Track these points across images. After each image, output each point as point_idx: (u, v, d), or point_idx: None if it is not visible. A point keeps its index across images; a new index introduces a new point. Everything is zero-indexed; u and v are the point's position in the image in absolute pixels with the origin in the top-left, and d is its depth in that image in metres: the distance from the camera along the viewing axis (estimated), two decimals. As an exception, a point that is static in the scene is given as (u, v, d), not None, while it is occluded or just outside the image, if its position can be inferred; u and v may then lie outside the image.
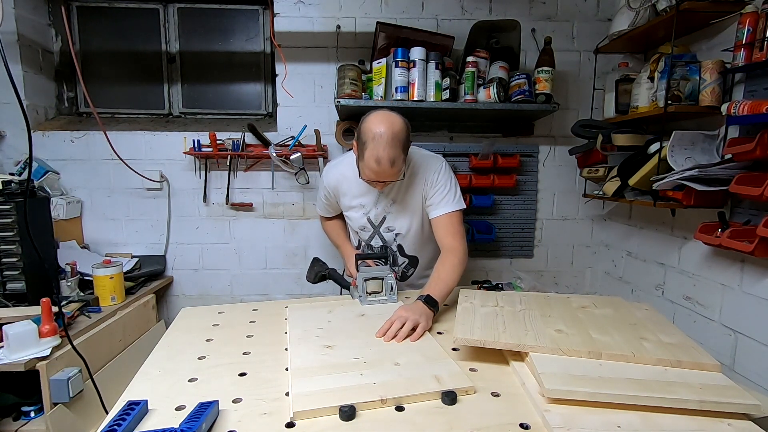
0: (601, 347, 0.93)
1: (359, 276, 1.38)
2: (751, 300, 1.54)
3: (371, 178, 1.36)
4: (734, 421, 0.76)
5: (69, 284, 1.76)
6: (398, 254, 1.61)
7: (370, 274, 1.39)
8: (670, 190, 1.61)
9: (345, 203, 1.60)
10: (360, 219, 1.58)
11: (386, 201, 1.52)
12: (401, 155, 1.31)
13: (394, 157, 1.28)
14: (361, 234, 1.62)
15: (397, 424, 0.76)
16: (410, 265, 1.63)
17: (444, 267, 1.38)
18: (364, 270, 1.40)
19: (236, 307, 1.39)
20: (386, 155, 1.27)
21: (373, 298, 1.37)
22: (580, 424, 0.74)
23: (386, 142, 1.27)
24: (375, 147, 1.28)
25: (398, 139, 1.29)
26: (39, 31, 2.24)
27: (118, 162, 2.15)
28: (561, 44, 2.19)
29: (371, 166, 1.30)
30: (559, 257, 2.47)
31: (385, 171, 1.30)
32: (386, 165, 1.28)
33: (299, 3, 2.17)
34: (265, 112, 2.49)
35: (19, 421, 1.45)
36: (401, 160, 1.32)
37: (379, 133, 1.27)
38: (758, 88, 1.45)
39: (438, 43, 2.05)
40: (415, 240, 1.58)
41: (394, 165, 1.29)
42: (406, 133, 1.33)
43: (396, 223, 1.55)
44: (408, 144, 1.35)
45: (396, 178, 1.37)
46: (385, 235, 1.58)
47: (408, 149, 1.36)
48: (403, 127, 1.32)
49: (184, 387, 0.89)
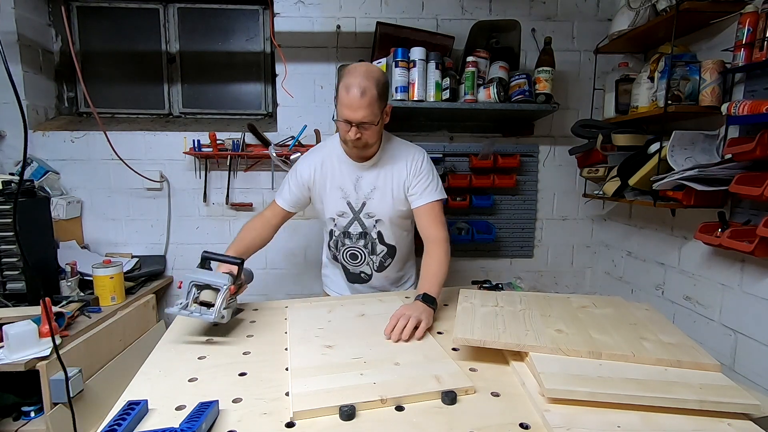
0: (601, 347, 0.93)
1: (187, 279, 1.12)
2: (751, 300, 1.54)
3: (344, 115, 1.32)
4: (734, 421, 0.76)
5: (69, 284, 1.76)
6: (377, 242, 1.55)
7: (202, 280, 1.12)
8: (670, 190, 1.61)
9: (319, 192, 1.51)
10: (338, 203, 1.51)
11: (367, 186, 1.48)
12: (373, 90, 1.29)
13: (365, 86, 1.27)
14: (339, 221, 1.53)
15: (397, 424, 0.76)
16: (388, 254, 1.57)
17: (433, 261, 1.39)
18: (199, 274, 1.14)
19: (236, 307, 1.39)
20: (357, 83, 1.27)
21: (196, 309, 1.10)
22: (580, 424, 0.74)
23: (360, 73, 1.29)
24: (348, 77, 1.29)
25: (372, 76, 1.29)
26: (39, 31, 2.24)
27: (118, 162, 2.15)
28: (561, 44, 2.18)
29: (342, 97, 1.29)
30: (559, 257, 2.47)
31: (354, 101, 1.27)
32: (355, 93, 1.27)
33: (299, 3, 2.17)
34: (265, 112, 2.49)
35: (19, 421, 1.45)
36: (374, 97, 1.29)
37: (354, 67, 1.32)
38: (758, 88, 1.45)
39: (438, 43, 2.05)
40: (393, 228, 1.54)
41: (365, 95, 1.27)
42: (383, 78, 1.33)
43: (377, 210, 1.50)
44: (384, 91, 1.34)
45: (368, 119, 1.30)
46: (365, 221, 1.52)
47: (384, 97, 1.35)
48: (379, 71, 1.33)
49: (184, 387, 0.89)
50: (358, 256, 1.57)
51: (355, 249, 1.57)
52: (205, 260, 1.21)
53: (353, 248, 1.57)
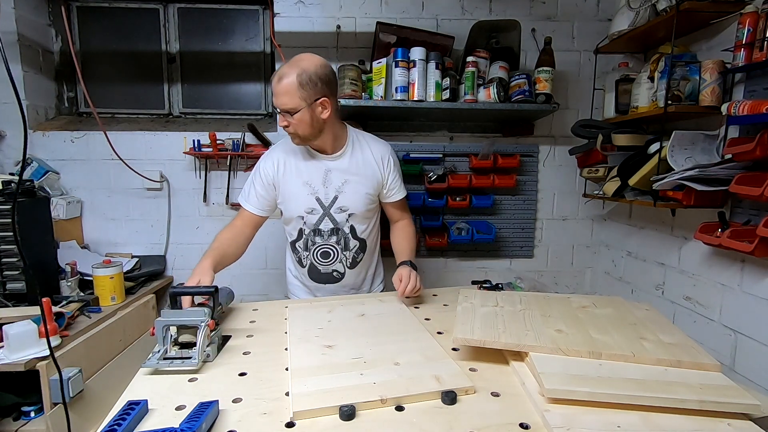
0: (601, 347, 0.92)
1: (159, 323, 0.97)
2: (751, 300, 1.54)
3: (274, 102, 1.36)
4: (734, 421, 0.75)
5: (69, 284, 1.76)
6: (350, 237, 1.52)
7: (176, 321, 0.98)
8: (670, 190, 1.61)
9: (286, 184, 1.47)
10: (306, 200, 1.46)
11: (338, 180, 1.46)
12: (293, 78, 1.27)
13: (283, 73, 1.28)
14: (308, 218, 1.48)
15: (397, 424, 0.76)
16: (360, 249, 1.55)
17: (407, 235, 1.59)
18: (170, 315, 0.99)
19: (236, 307, 1.39)
20: (280, 70, 1.29)
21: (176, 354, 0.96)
22: (580, 424, 0.74)
23: (288, 62, 1.30)
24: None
25: (298, 64, 1.29)
26: (39, 31, 2.24)
27: (118, 162, 2.15)
28: (561, 44, 2.18)
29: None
30: (559, 257, 2.47)
31: (274, 86, 1.30)
32: (275, 79, 1.29)
33: (299, 3, 2.17)
34: (265, 112, 2.49)
35: (19, 421, 1.45)
36: (292, 84, 1.28)
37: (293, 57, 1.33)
38: (758, 88, 1.45)
39: (438, 43, 2.05)
40: (364, 221, 1.53)
41: (280, 82, 1.28)
42: (315, 68, 1.30)
43: (349, 202, 1.47)
44: (314, 81, 1.29)
45: (286, 105, 1.30)
46: (336, 216, 1.48)
47: (314, 88, 1.30)
48: (312, 60, 1.31)
49: (184, 387, 0.89)
50: (331, 253, 1.53)
51: (327, 246, 1.52)
52: (175, 298, 1.10)
53: (325, 246, 1.52)
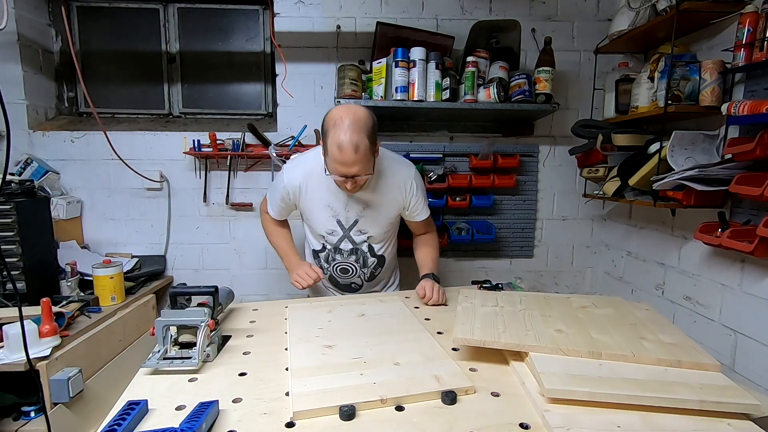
0: (601, 347, 0.92)
1: (159, 323, 0.99)
2: (751, 300, 1.54)
3: (338, 172, 1.26)
4: (734, 421, 0.75)
5: (69, 284, 1.75)
6: (368, 255, 1.57)
7: (176, 321, 1.00)
8: (670, 190, 1.61)
9: (308, 206, 1.49)
10: (327, 222, 1.49)
11: (358, 205, 1.46)
12: (366, 142, 1.22)
13: (357, 141, 1.20)
14: (328, 237, 1.53)
15: (397, 424, 0.76)
16: (378, 264, 1.60)
17: (430, 247, 1.61)
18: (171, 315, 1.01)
19: (236, 307, 1.39)
20: (348, 138, 1.20)
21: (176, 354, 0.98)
22: (580, 424, 0.74)
23: (348, 126, 1.21)
24: (336, 132, 1.21)
25: (361, 125, 1.22)
26: (39, 31, 2.24)
27: (118, 162, 2.15)
28: (561, 44, 2.18)
29: (334, 155, 1.22)
30: (559, 257, 2.47)
31: (348, 158, 1.21)
32: (349, 150, 1.20)
33: (299, 3, 2.17)
34: (265, 112, 2.49)
35: (19, 421, 1.45)
36: (367, 148, 1.23)
37: (340, 117, 1.22)
38: (758, 88, 1.45)
39: (438, 43, 2.05)
40: (384, 241, 1.57)
41: (358, 151, 1.21)
42: (371, 122, 1.26)
43: (369, 226, 1.50)
44: (374, 134, 1.27)
45: (364, 171, 1.27)
46: (355, 237, 1.52)
47: (375, 140, 1.28)
48: (366, 115, 1.26)
49: (184, 387, 0.89)
50: (350, 270, 1.59)
51: (346, 264, 1.58)
52: (175, 299, 1.11)
53: (344, 263, 1.57)
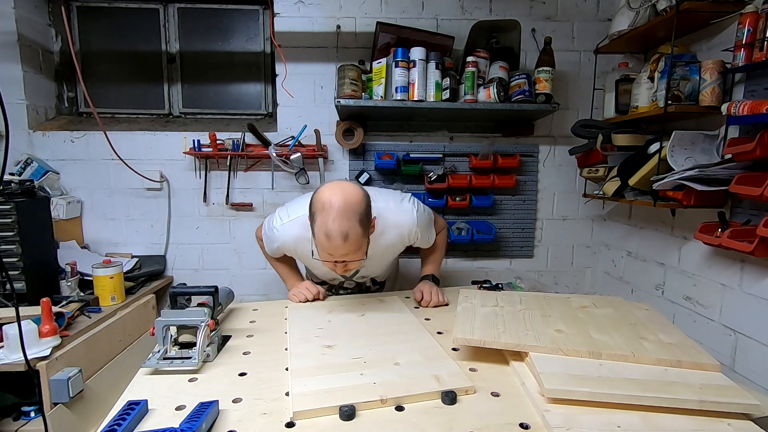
0: (601, 347, 0.93)
1: (159, 323, 1.00)
2: (751, 300, 1.54)
3: (325, 258, 1.17)
4: (734, 421, 0.76)
5: (69, 284, 1.75)
6: (371, 285, 1.67)
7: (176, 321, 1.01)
8: (670, 190, 1.61)
9: (306, 260, 1.48)
10: (328, 273, 1.45)
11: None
12: (357, 229, 1.11)
13: (347, 229, 1.09)
14: (329, 281, 1.60)
15: (397, 424, 0.76)
16: (380, 288, 1.71)
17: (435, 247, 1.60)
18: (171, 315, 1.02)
19: (236, 307, 1.39)
20: (336, 227, 1.09)
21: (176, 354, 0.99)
22: (580, 424, 0.74)
23: (336, 211, 1.09)
24: (324, 219, 1.10)
25: (352, 210, 1.11)
26: (39, 31, 2.24)
27: (118, 162, 2.15)
28: (561, 44, 2.18)
29: (321, 242, 1.12)
30: (559, 257, 2.47)
31: (336, 247, 1.11)
32: (337, 240, 1.09)
33: (299, 3, 2.17)
34: (265, 112, 2.49)
35: (19, 421, 1.45)
36: (358, 236, 1.12)
37: (329, 201, 1.11)
38: (758, 88, 1.45)
39: (438, 43, 2.05)
40: (387, 272, 1.66)
41: (347, 240, 1.10)
42: (364, 203, 1.16)
43: (371, 272, 1.56)
44: (367, 218, 1.16)
45: (355, 257, 1.16)
46: (358, 279, 1.60)
47: (368, 224, 1.17)
48: (358, 198, 1.14)
49: (184, 387, 0.89)
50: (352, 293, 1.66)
51: (349, 294, 1.63)
52: (175, 299, 1.11)
53: (347, 294, 1.62)
